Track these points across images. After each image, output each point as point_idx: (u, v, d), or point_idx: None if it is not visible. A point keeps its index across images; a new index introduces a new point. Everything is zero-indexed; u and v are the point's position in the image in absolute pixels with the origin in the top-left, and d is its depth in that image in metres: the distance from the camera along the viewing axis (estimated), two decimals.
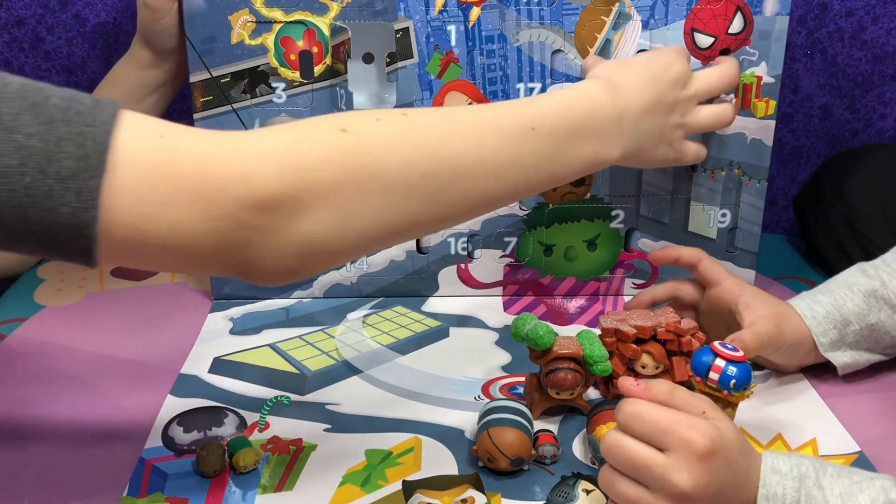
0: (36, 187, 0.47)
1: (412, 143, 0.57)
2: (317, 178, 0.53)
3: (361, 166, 0.54)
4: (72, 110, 0.49)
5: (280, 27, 0.86)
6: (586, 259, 0.95)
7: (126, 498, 0.65)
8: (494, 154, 0.60)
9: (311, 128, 0.55)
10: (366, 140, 0.55)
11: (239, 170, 0.51)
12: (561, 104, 0.64)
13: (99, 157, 0.48)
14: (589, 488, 0.66)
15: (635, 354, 0.76)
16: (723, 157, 0.91)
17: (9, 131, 0.47)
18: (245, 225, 0.52)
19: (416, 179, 0.56)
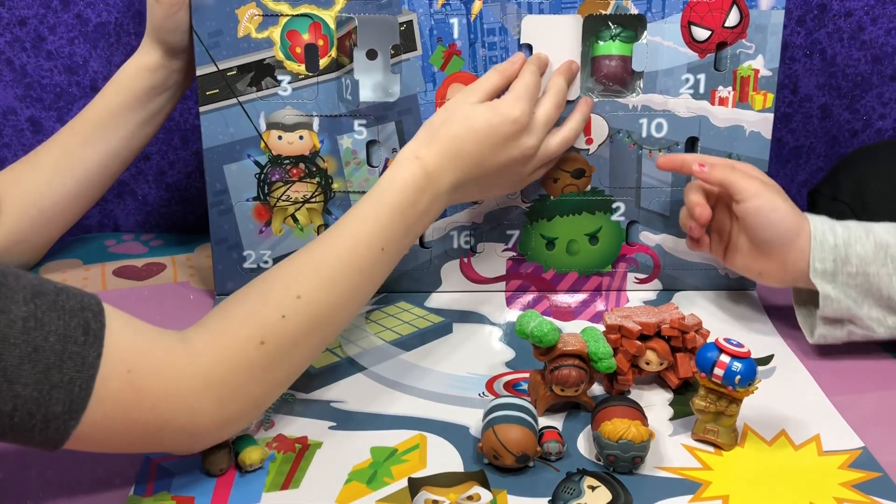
0: (21, 425, 0.55)
1: (313, 325, 0.69)
2: (247, 398, 0.66)
3: (280, 371, 0.68)
4: (66, 353, 0.55)
5: (286, 20, 0.87)
6: (588, 253, 0.95)
7: (132, 497, 0.65)
8: (361, 287, 0.73)
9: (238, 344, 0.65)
10: (280, 348, 0.67)
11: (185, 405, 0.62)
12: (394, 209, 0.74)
13: (82, 404, 0.56)
14: (594, 484, 0.66)
15: (639, 351, 0.76)
16: (722, 149, 0.91)
17: (10, 382, 0.53)
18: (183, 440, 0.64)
19: (315, 346, 0.71)
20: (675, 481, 0.67)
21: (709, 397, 0.70)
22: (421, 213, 0.76)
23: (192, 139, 1.10)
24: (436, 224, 0.93)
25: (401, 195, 0.74)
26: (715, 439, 0.71)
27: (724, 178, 0.82)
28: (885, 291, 0.78)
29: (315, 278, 0.70)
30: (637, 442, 0.67)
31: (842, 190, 0.97)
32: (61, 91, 1.07)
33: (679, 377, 0.77)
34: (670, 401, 0.77)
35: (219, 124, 0.89)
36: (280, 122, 0.90)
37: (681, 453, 0.70)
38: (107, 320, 0.58)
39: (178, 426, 0.62)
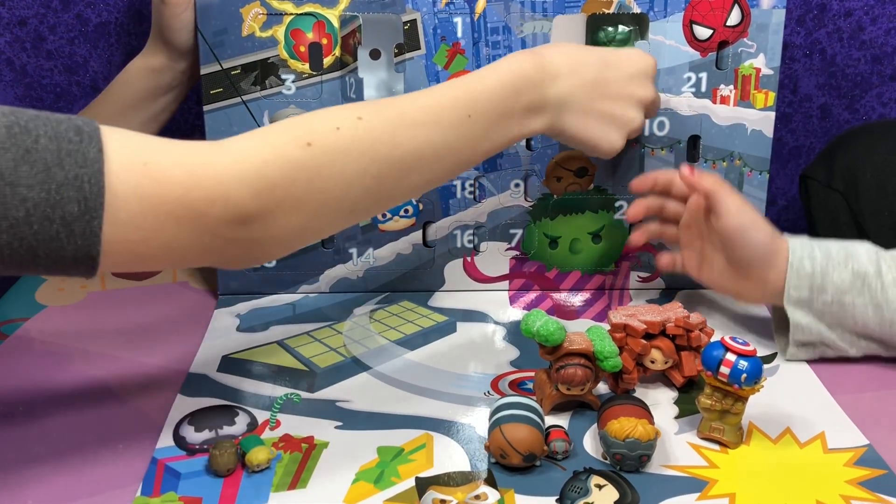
0: (44, 232, 0.53)
1: (368, 151, 0.63)
2: (286, 194, 0.60)
3: (324, 179, 0.62)
4: (62, 151, 0.53)
5: (290, 19, 0.87)
6: (591, 252, 0.95)
7: (140, 498, 0.65)
8: (436, 145, 0.67)
9: (280, 143, 0.61)
10: (328, 156, 0.62)
11: (219, 194, 0.58)
12: (494, 88, 0.69)
13: (97, 199, 0.53)
14: (601, 483, 0.66)
15: (645, 350, 0.76)
16: (723, 147, 0.91)
17: (12, 185, 0.51)
18: (225, 237, 0.60)
19: (369, 182, 0.64)
20: (682, 479, 0.67)
21: (714, 395, 0.70)
22: (521, 108, 0.71)
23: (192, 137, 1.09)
24: (439, 223, 0.93)
25: (504, 79, 0.70)
26: (721, 437, 0.71)
27: (713, 188, 0.79)
28: (860, 320, 0.78)
29: (383, 110, 0.66)
30: (644, 440, 0.67)
31: (835, 177, 0.96)
32: (61, 91, 1.07)
33: (684, 376, 0.77)
34: (675, 399, 0.77)
35: (223, 123, 0.89)
36: None
37: (687, 451, 0.71)
38: (102, 127, 0.56)
39: (215, 219, 0.58)
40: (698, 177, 0.80)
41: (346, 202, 0.64)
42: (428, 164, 0.67)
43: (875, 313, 0.77)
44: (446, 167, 0.69)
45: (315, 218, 0.63)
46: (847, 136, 0.99)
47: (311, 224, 0.63)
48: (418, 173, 0.67)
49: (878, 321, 0.78)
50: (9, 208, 0.51)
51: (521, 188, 0.92)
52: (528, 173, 0.92)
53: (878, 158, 0.94)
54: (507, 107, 0.70)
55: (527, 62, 0.71)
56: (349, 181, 0.63)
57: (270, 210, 0.60)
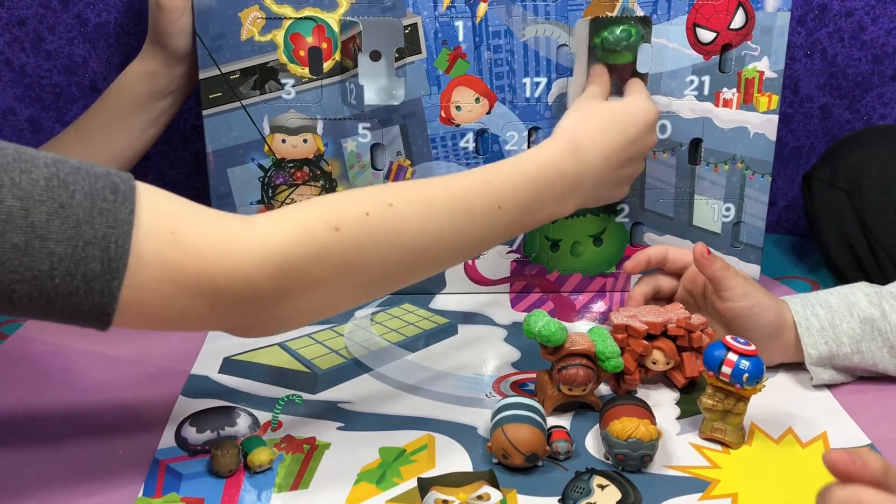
0: (64, 287, 0.54)
1: (394, 239, 0.63)
2: (308, 278, 0.61)
3: (347, 264, 0.62)
4: (95, 209, 0.54)
5: (290, 23, 0.86)
6: (592, 254, 0.95)
7: (142, 499, 0.65)
8: (462, 235, 0.67)
9: (308, 224, 0.61)
10: (354, 242, 0.61)
11: (240, 273, 0.58)
12: (528, 178, 0.69)
13: (121, 261, 0.54)
14: (603, 483, 0.66)
15: (646, 350, 0.77)
16: (726, 150, 0.91)
17: (42, 239, 0.52)
18: (241, 312, 0.60)
19: (391, 268, 0.64)
20: (684, 480, 0.67)
21: (716, 396, 0.70)
22: (552, 198, 0.72)
23: (192, 139, 1.10)
24: None
25: (538, 170, 0.71)
26: (723, 438, 0.71)
27: (719, 274, 0.78)
28: (880, 364, 0.77)
29: (414, 196, 0.65)
30: (646, 440, 0.67)
31: (839, 176, 0.96)
32: (61, 91, 1.07)
33: (685, 376, 0.77)
34: (677, 400, 0.77)
35: (222, 127, 0.89)
36: (284, 126, 0.90)
37: (689, 452, 0.71)
38: (138, 186, 0.57)
39: (232, 295, 0.59)
40: (710, 260, 0.78)
41: (365, 285, 0.64)
42: (451, 252, 0.68)
43: (891, 355, 0.77)
44: (468, 253, 0.70)
45: (331, 298, 0.63)
46: (850, 139, 0.99)
47: (326, 304, 0.64)
48: (439, 261, 0.68)
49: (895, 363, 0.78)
50: (35, 260, 0.52)
51: None
52: None
53: (881, 158, 0.94)
54: (538, 199, 0.70)
55: (564, 154, 0.72)
56: (371, 266, 0.63)
57: (287, 291, 0.60)
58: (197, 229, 0.58)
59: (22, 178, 0.52)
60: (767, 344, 0.77)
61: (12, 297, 0.53)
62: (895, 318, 0.77)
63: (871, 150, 0.95)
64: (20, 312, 0.55)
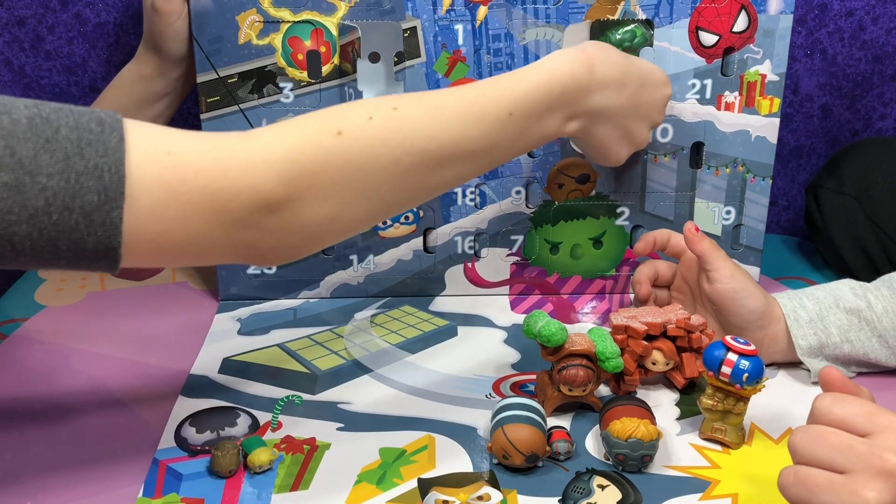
0: (63, 223, 0.52)
1: (401, 142, 0.61)
2: (315, 181, 0.58)
3: (355, 168, 0.60)
4: (83, 141, 0.52)
5: (288, 27, 0.86)
6: (592, 257, 0.95)
7: (141, 499, 0.65)
8: (474, 141, 0.65)
9: (309, 131, 0.59)
10: (359, 143, 0.60)
11: (246, 181, 0.56)
12: (540, 86, 0.67)
13: (117, 188, 0.52)
14: (604, 483, 0.66)
15: (646, 351, 0.77)
16: (727, 154, 0.91)
17: (31, 175, 0.51)
18: (253, 226, 0.58)
19: (402, 174, 0.62)
20: (684, 480, 0.67)
21: (716, 396, 0.70)
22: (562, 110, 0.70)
23: None
24: (440, 230, 0.93)
25: (550, 76, 0.68)
26: (723, 438, 0.71)
27: (708, 252, 0.80)
28: (871, 355, 0.78)
29: (421, 101, 0.64)
30: (646, 441, 0.67)
31: (846, 184, 0.97)
32: (60, 91, 1.07)
33: (685, 377, 0.77)
34: (677, 401, 0.77)
35: (220, 131, 0.89)
36: None
37: (689, 452, 0.71)
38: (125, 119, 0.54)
39: (241, 207, 0.56)
40: (699, 237, 0.81)
41: (378, 193, 0.62)
42: (463, 159, 0.65)
43: (880, 344, 0.78)
44: (480, 164, 0.67)
45: (345, 207, 0.61)
46: (851, 148, 1.00)
47: (342, 214, 0.61)
48: (452, 168, 0.65)
49: (887, 353, 0.78)
50: (28, 197, 0.50)
51: (522, 195, 0.92)
52: (529, 180, 0.92)
53: (886, 164, 0.95)
54: (549, 107, 0.68)
55: (578, 64, 0.70)
56: (381, 171, 0.61)
57: (299, 197, 0.58)
58: (193, 146, 0.56)
59: (2, 118, 0.51)
60: (754, 333, 0.79)
61: (13, 240, 0.51)
62: (880, 307, 0.78)
63: (874, 157, 0.96)
64: (26, 260, 0.53)
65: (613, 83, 0.73)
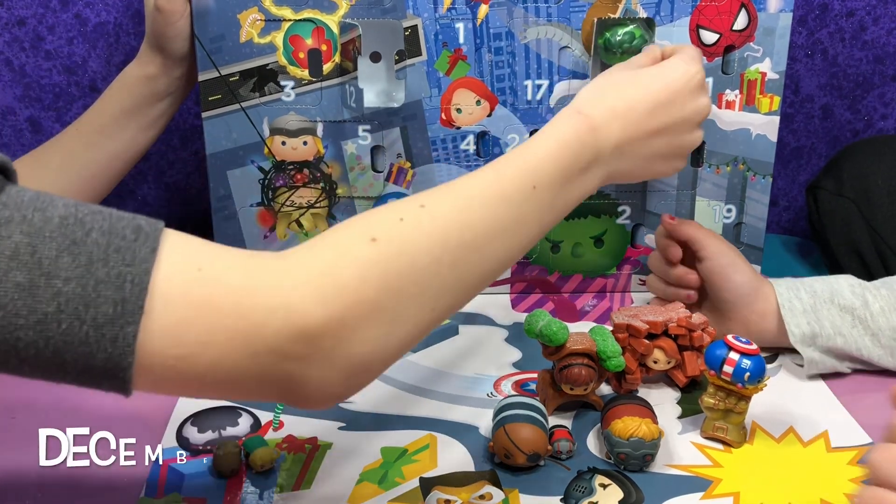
0: (72, 334, 0.47)
1: (437, 239, 0.57)
2: (357, 298, 0.52)
3: (397, 276, 0.54)
4: (111, 247, 0.48)
5: (289, 25, 0.86)
6: (593, 256, 0.95)
7: (143, 499, 0.65)
8: (505, 222, 0.61)
9: (343, 243, 0.54)
10: (395, 247, 0.55)
11: (279, 301, 0.50)
12: (552, 155, 0.65)
13: (137, 301, 0.47)
14: (605, 482, 0.66)
15: (647, 350, 0.77)
16: (728, 152, 0.91)
17: (48, 277, 0.47)
18: (289, 357, 0.51)
19: (446, 273, 0.57)
20: (686, 479, 0.67)
21: (718, 395, 0.70)
22: (580, 170, 0.67)
23: (191, 139, 1.10)
24: None
25: (559, 145, 0.66)
26: (724, 437, 0.71)
27: (692, 233, 0.84)
28: (864, 353, 0.78)
29: (445, 194, 0.60)
30: (648, 439, 0.67)
31: (845, 185, 0.97)
32: (60, 91, 1.06)
33: (686, 375, 0.77)
34: (678, 399, 0.78)
35: (222, 129, 0.89)
36: (284, 128, 0.90)
37: (690, 451, 0.71)
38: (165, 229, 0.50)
39: (275, 332, 0.50)
40: (678, 223, 0.84)
41: (426, 299, 0.56)
42: (500, 243, 0.61)
43: (873, 343, 0.78)
44: (518, 244, 0.63)
45: (395, 323, 0.54)
46: (851, 148, 1.00)
47: (393, 333, 0.54)
48: (492, 255, 0.61)
49: (880, 352, 0.78)
50: (39, 301, 0.47)
51: None
52: None
53: (885, 165, 0.95)
54: (568, 171, 0.66)
55: (579, 127, 0.68)
56: (423, 273, 0.56)
57: (341, 318, 0.51)
58: (226, 264, 0.51)
59: (35, 215, 0.48)
60: (742, 309, 0.81)
61: (17, 346, 0.47)
62: (877, 307, 0.78)
63: (875, 158, 0.96)
64: (31, 371, 0.49)
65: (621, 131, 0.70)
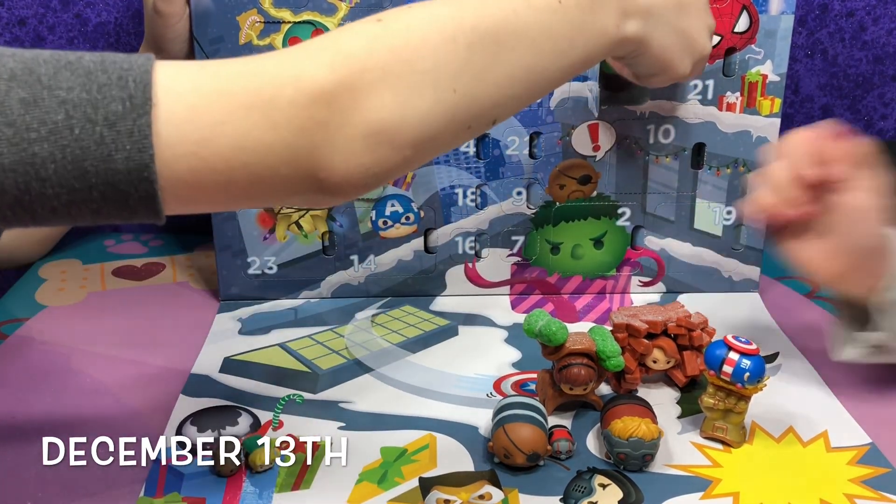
0: (87, 137, 0.47)
1: (450, 18, 0.56)
2: (366, 63, 0.52)
3: (406, 45, 0.54)
4: (107, 61, 0.48)
5: (288, 27, 0.87)
6: (593, 257, 0.95)
7: (143, 498, 0.65)
8: (529, 25, 0.58)
9: (348, 26, 0.55)
10: (404, 23, 0.55)
11: (288, 72, 0.51)
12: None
13: (144, 94, 0.48)
14: (604, 482, 0.66)
15: (647, 349, 0.77)
16: (728, 154, 0.91)
17: (50, 89, 0.47)
18: (308, 126, 0.51)
19: (462, 53, 0.55)
20: (685, 479, 0.67)
21: (717, 395, 0.70)
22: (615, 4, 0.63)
23: None
24: (441, 230, 0.93)
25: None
26: (724, 437, 0.71)
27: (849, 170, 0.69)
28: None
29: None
30: (647, 439, 0.67)
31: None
32: None
33: (686, 375, 0.77)
34: (678, 399, 0.77)
35: None
36: None
37: (690, 451, 0.71)
38: None
39: (289, 102, 0.50)
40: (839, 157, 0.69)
41: (444, 76, 0.55)
42: (523, 44, 0.58)
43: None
44: (544, 57, 0.60)
45: (412, 93, 0.53)
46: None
47: (412, 102, 0.53)
48: (514, 53, 0.58)
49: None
50: (46, 111, 0.47)
51: (523, 196, 0.92)
52: (530, 181, 0.92)
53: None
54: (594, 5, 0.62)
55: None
56: (437, 50, 0.55)
57: (351, 82, 0.51)
58: (228, 61, 0.52)
59: (25, 53, 0.48)
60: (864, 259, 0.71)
61: (35, 164, 0.47)
62: None
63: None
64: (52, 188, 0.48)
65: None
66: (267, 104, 0.50)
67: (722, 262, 0.94)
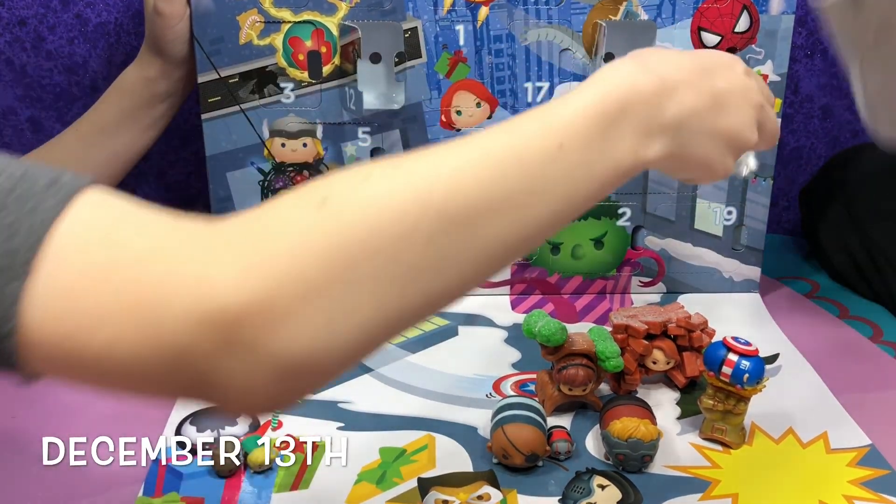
0: None
1: (414, 200, 0.43)
2: (289, 272, 0.40)
3: (348, 243, 0.41)
4: (14, 193, 0.40)
5: (288, 27, 0.86)
6: (593, 257, 0.95)
7: (142, 498, 0.65)
8: (515, 186, 0.46)
9: (288, 205, 0.43)
10: (350, 211, 0.42)
11: (191, 270, 0.39)
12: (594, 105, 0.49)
13: (27, 254, 0.39)
14: (604, 483, 0.66)
15: (646, 350, 0.77)
16: None
17: None
18: (199, 346, 0.39)
19: (420, 247, 0.43)
20: (685, 480, 0.67)
21: (717, 396, 0.70)
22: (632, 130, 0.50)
23: (192, 139, 1.10)
24: None
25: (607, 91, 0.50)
26: (723, 438, 0.71)
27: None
28: None
29: (436, 151, 0.46)
30: (646, 440, 0.67)
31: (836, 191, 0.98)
32: (61, 91, 1.07)
33: (686, 376, 0.77)
34: (677, 400, 0.77)
35: (221, 131, 0.89)
36: (283, 130, 0.90)
37: (689, 452, 0.71)
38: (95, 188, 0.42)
39: (183, 310, 0.39)
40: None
41: (391, 281, 0.42)
42: (505, 218, 0.45)
43: None
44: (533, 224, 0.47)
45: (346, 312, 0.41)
46: (843, 154, 1.01)
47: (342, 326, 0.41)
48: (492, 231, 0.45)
49: None
50: None
51: None
52: None
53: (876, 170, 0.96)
54: (611, 128, 0.49)
55: (635, 71, 0.51)
56: (388, 248, 0.42)
57: (267, 299, 0.39)
58: (141, 223, 0.42)
59: None
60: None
61: None
62: None
63: (866, 164, 0.97)
64: None
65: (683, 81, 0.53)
66: (154, 308, 0.39)
67: (722, 263, 0.94)
